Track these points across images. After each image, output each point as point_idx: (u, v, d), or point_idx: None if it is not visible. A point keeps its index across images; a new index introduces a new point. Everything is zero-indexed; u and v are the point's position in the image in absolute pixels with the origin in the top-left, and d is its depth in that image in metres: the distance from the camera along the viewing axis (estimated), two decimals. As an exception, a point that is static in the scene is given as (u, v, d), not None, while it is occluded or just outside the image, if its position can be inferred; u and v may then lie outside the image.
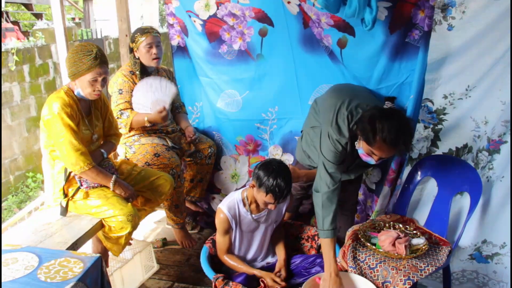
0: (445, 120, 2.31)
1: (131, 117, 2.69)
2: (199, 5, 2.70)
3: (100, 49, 2.11)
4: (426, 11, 2.12)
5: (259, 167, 2.07)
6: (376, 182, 2.68)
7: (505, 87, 2.12)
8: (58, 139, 2.09)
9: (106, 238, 2.26)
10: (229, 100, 2.96)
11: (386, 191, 2.47)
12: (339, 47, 2.41)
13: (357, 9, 1.98)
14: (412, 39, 2.22)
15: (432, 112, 2.32)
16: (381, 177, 2.63)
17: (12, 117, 4.82)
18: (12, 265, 1.60)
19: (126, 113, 2.69)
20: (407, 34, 2.22)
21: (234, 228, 2.20)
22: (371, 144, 1.93)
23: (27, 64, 5.00)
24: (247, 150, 3.07)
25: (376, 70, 2.36)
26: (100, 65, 2.09)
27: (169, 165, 2.66)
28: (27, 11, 9.99)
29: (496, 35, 2.06)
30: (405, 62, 2.28)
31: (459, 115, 2.27)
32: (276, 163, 2.08)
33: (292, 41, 2.60)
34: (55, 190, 2.27)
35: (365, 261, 2.06)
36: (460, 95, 2.23)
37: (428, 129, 2.36)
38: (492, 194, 2.28)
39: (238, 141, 3.05)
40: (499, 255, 2.32)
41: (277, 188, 1.98)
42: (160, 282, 2.66)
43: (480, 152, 2.26)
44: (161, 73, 2.89)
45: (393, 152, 1.96)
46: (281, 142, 2.95)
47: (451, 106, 2.27)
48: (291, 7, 2.47)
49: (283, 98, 2.81)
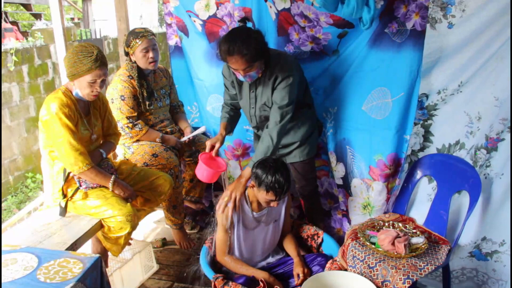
0: (435, 115, 2.33)
1: (144, 131, 2.73)
2: (199, 5, 2.70)
3: (100, 51, 2.10)
4: (411, 8, 2.15)
5: (256, 166, 2.08)
6: (342, 177, 2.69)
7: (498, 82, 2.13)
8: (57, 139, 2.09)
9: (105, 238, 2.26)
10: (216, 105, 2.96)
11: (381, 187, 2.48)
12: (338, 39, 2.42)
13: (355, 8, 1.98)
14: (390, 31, 2.25)
15: (423, 108, 2.34)
16: (345, 171, 2.64)
17: (11, 118, 4.81)
18: (11, 265, 1.60)
19: (139, 125, 2.71)
20: (387, 25, 2.24)
21: (236, 225, 2.19)
22: (224, 61, 2.18)
23: (26, 65, 5.00)
24: (236, 155, 3.06)
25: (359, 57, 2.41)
26: (100, 67, 2.08)
27: (167, 165, 2.66)
28: (26, 11, 9.98)
29: (493, 32, 2.08)
30: (380, 53, 2.31)
31: (451, 110, 2.29)
32: (271, 160, 2.09)
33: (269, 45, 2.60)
34: (54, 191, 2.27)
35: (365, 260, 2.06)
36: (452, 90, 2.25)
37: (417, 125, 2.38)
38: (491, 191, 2.29)
39: (226, 146, 3.04)
40: (498, 253, 2.33)
41: (277, 185, 1.99)
42: (159, 282, 2.66)
43: (478, 150, 2.27)
44: (158, 74, 2.88)
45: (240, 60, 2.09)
46: None
47: (442, 101, 2.29)
48: (271, 12, 2.47)
49: None
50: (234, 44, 2.06)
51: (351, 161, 2.58)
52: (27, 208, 2.67)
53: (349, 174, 2.62)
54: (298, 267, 2.18)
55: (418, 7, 2.14)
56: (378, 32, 2.28)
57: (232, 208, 2.14)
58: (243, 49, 2.06)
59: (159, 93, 2.84)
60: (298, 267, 2.18)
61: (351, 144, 2.56)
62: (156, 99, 2.81)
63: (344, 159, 2.63)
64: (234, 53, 2.07)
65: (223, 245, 2.21)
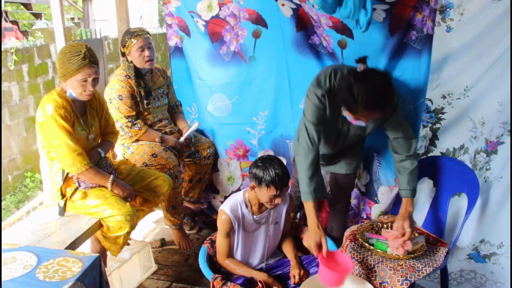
0: (443, 119, 2.33)
1: (143, 131, 2.72)
2: (202, 5, 2.70)
3: (89, 49, 2.09)
4: (426, 13, 2.13)
5: (252, 167, 2.09)
6: (365, 184, 2.68)
7: (502, 87, 2.14)
8: (54, 141, 2.09)
9: (104, 238, 2.26)
10: (218, 105, 2.95)
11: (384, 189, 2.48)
12: (340, 47, 2.42)
13: (352, 11, 1.99)
14: (409, 39, 2.24)
15: (430, 111, 2.34)
16: (370, 178, 2.64)
17: (11, 117, 4.81)
18: (10, 264, 1.60)
19: (138, 124, 2.71)
20: (406, 36, 2.24)
21: (237, 230, 2.20)
22: (354, 112, 1.93)
23: (26, 64, 4.99)
24: (237, 155, 3.05)
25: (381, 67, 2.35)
26: (89, 65, 2.07)
27: (166, 165, 2.66)
28: (26, 11, 9.98)
29: (494, 37, 2.08)
30: (402, 62, 2.30)
31: (457, 115, 2.29)
32: (264, 157, 2.10)
33: (285, 44, 2.58)
34: (53, 190, 2.27)
35: (363, 261, 2.07)
36: (459, 95, 2.25)
37: (426, 128, 2.38)
38: (490, 194, 2.30)
39: (228, 145, 3.04)
40: (496, 255, 2.34)
41: (277, 178, 2.00)
42: (158, 282, 2.66)
43: (478, 153, 2.28)
44: (155, 73, 2.89)
45: (378, 114, 1.94)
46: (272, 146, 2.93)
47: (449, 105, 2.30)
48: (285, 10, 2.47)
49: (274, 101, 2.79)
50: (383, 96, 1.86)
51: (377, 168, 2.58)
52: (26, 207, 2.67)
53: (375, 182, 2.62)
54: (295, 269, 2.18)
55: (429, 11, 2.12)
56: (398, 44, 2.26)
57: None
58: (389, 106, 1.92)
59: (156, 93, 2.85)
60: (295, 269, 2.18)
61: (379, 151, 2.55)
62: (154, 98, 2.81)
63: (370, 166, 2.63)
64: (379, 108, 1.88)
65: (223, 250, 2.21)
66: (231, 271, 2.20)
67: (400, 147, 2.15)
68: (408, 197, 2.14)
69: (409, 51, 2.26)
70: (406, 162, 2.15)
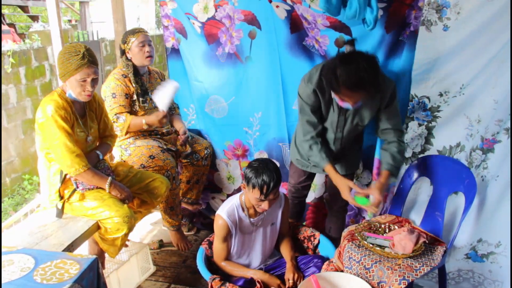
0: (438, 117, 2.35)
1: (128, 121, 2.69)
2: (198, 7, 2.71)
3: (88, 49, 2.10)
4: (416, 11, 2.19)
5: (247, 165, 2.10)
6: (366, 184, 2.68)
7: (498, 85, 2.15)
8: (53, 141, 2.09)
9: (102, 239, 2.26)
10: (215, 106, 2.96)
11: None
12: (336, 47, 2.42)
13: (357, 10, 2.00)
14: (404, 37, 2.28)
15: (427, 109, 2.35)
16: (371, 179, 2.64)
17: (8, 119, 4.80)
18: (8, 267, 1.60)
19: (122, 117, 2.68)
20: (401, 33, 2.27)
21: (234, 234, 2.19)
22: (337, 92, 1.96)
23: (23, 66, 4.99)
24: (236, 155, 3.05)
25: None
26: (88, 65, 2.08)
27: (164, 167, 2.66)
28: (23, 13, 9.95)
29: (490, 35, 2.10)
30: (398, 59, 2.33)
31: (453, 113, 2.31)
32: (260, 160, 2.11)
33: (279, 45, 2.59)
34: (51, 192, 2.27)
35: (361, 261, 2.07)
36: (455, 93, 2.26)
37: (422, 126, 2.39)
38: (487, 193, 2.30)
39: (227, 146, 3.04)
40: (494, 254, 2.34)
41: (264, 184, 1.99)
42: (156, 284, 2.66)
43: (474, 151, 2.28)
44: (153, 75, 2.89)
45: (362, 95, 1.95)
46: (266, 148, 2.94)
47: (445, 103, 2.31)
48: (279, 11, 2.48)
49: (267, 103, 2.79)
50: (365, 76, 1.86)
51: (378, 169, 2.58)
52: (23, 210, 2.67)
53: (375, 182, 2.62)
54: (289, 273, 2.18)
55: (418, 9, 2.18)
56: (393, 42, 2.29)
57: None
58: (371, 88, 1.90)
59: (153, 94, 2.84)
60: (289, 273, 2.18)
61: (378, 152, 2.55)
62: (150, 99, 2.81)
63: (370, 166, 2.63)
64: (361, 89, 1.90)
65: (221, 254, 2.22)
66: (228, 272, 2.20)
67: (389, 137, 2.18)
68: (387, 170, 2.14)
69: (403, 47, 2.30)
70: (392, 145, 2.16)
